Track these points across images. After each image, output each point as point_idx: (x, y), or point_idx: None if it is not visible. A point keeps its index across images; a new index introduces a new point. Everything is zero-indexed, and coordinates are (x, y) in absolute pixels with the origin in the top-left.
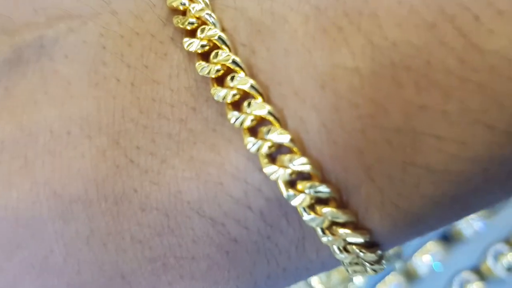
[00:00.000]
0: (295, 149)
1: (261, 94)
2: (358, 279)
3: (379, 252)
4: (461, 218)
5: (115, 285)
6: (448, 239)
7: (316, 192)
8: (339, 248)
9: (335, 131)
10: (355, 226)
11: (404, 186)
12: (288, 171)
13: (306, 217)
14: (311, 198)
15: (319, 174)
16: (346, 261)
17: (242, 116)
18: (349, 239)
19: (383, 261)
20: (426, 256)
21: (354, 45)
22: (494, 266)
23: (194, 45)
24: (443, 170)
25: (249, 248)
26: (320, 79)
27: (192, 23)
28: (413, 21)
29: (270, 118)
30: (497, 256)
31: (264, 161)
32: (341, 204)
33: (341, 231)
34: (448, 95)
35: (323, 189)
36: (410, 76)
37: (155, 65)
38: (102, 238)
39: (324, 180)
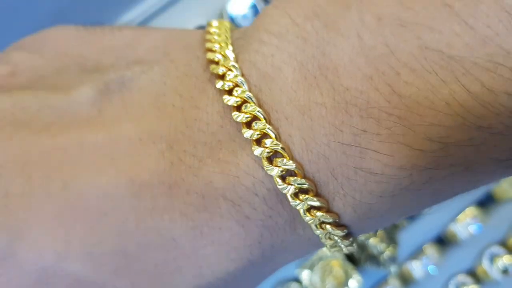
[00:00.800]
0: (285, 154)
1: (264, 118)
2: (353, 284)
3: (346, 231)
4: (404, 214)
5: (168, 245)
6: (443, 242)
7: (298, 184)
8: (316, 226)
9: (310, 144)
10: (327, 210)
11: (357, 184)
12: (280, 169)
13: (292, 202)
14: (296, 189)
15: (301, 172)
16: (322, 236)
17: (251, 132)
18: (322, 219)
19: (354, 244)
20: (421, 259)
21: (323, 88)
22: (490, 269)
23: (224, 85)
24: (380, 174)
25: (257, 224)
26: (301, 109)
27: (223, 71)
28: (359, 75)
29: (270, 133)
30: (493, 259)
31: (265, 162)
32: (317, 193)
33: (317, 213)
34: (379, 124)
35: (303, 182)
36: (356, 110)
37: (197, 97)
38: (161, 212)
39: (304, 177)
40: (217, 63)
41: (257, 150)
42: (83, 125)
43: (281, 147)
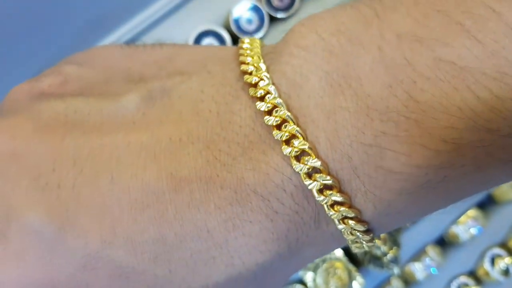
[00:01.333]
0: (311, 153)
1: (293, 121)
2: (356, 285)
3: (366, 226)
4: (419, 212)
5: (203, 235)
6: (445, 244)
7: (323, 180)
8: (338, 221)
9: (335, 144)
10: (349, 206)
11: (377, 181)
12: (307, 167)
13: (317, 197)
14: (320, 185)
15: (326, 169)
16: (344, 231)
17: (281, 133)
18: (345, 214)
19: (375, 241)
20: (423, 261)
21: (346, 95)
22: (491, 270)
23: (256, 92)
24: (399, 172)
25: (285, 219)
26: (327, 113)
27: (256, 80)
28: (379, 83)
29: (298, 135)
30: (494, 260)
31: (293, 160)
32: (340, 190)
33: (340, 208)
34: (398, 126)
35: (328, 179)
36: (376, 114)
37: (232, 103)
38: (197, 205)
39: (329, 174)
40: (250, 73)
41: (286, 150)
42: (129, 127)
43: (308, 147)
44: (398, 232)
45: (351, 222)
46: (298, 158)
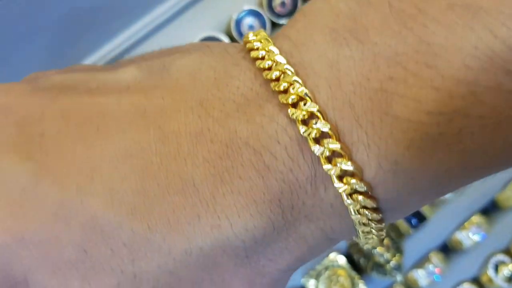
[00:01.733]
0: (308, 99)
1: (292, 72)
2: None
3: (370, 190)
4: (437, 181)
5: (188, 190)
6: (448, 250)
7: (320, 126)
8: (337, 178)
9: (336, 92)
10: (349, 159)
11: (382, 132)
12: (303, 112)
13: (312, 146)
14: (317, 133)
15: (321, 116)
16: (343, 192)
17: (279, 84)
18: (344, 167)
19: (384, 224)
20: (427, 267)
21: (352, 46)
22: (495, 277)
23: (257, 54)
24: (407, 119)
25: (278, 177)
26: (330, 63)
27: (257, 45)
28: (388, 31)
29: (296, 84)
30: (497, 267)
31: (290, 108)
32: (339, 139)
33: (339, 161)
34: (407, 70)
35: (325, 125)
36: (384, 60)
37: (231, 69)
38: (184, 157)
39: (327, 120)
40: (251, 42)
41: (283, 97)
42: (123, 90)
43: (306, 93)
44: (401, 239)
45: (352, 181)
46: (295, 105)
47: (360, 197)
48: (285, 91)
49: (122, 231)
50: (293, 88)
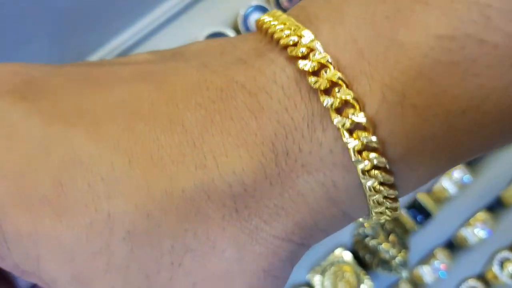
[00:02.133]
0: (307, 35)
1: (295, 20)
2: None
3: (373, 133)
4: (446, 113)
5: (175, 129)
6: (453, 247)
7: (319, 57)
8: (336, 110)
9: (337, 28)
10: (348, 86)
11: (386, 61)
12: (303, 48)
13: (310, 79)
14: (316, 65)
15: (324, 50)
16: (343, 131)
17: (282, 32)
18: (344, 97)
19: (384, 159)
20: (432, 264)
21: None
22: (500, 273)
23: (285, 40)
24: (415, 43)
25: (272, 117)
26: (333, 7)
27: (268, 19)
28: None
29: (298, 29)
30: (503, 264)
31: (290, 48)
32: (338, 69)
33: (338, 91)
34: None
35: (323, 56)
36: None
37: (239, 44)
38: (176, 102)
39: (325, 51)
40: (265, 21)
41: (283, 40)
42: (131, 63)
43: (307, 32)
44: (407, 235)
45: (351, 115)
46: (295, 45)
47: (364, 139)
48: (287, 37)
49: (101, 164)
50: (295, 30)
